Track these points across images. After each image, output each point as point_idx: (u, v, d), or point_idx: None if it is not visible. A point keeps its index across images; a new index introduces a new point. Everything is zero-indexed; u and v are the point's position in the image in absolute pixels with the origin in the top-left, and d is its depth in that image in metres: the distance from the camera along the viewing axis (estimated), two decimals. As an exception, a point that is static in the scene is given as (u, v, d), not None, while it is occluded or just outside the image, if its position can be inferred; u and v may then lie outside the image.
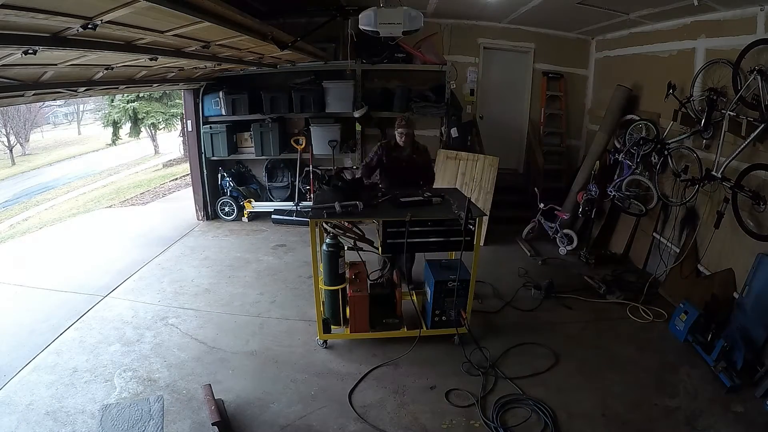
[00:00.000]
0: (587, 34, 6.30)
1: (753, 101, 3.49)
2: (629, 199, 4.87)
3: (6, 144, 20.19)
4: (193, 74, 5.30)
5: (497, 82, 6.68)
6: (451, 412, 2.91)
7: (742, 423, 2.85)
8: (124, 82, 4.38)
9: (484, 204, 5.43)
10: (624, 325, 3.97)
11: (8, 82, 2.88)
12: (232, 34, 3.02)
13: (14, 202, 13.06)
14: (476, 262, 3.42)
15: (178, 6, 2.04)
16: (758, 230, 3.43)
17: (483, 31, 6.35)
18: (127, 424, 2.75)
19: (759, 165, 3.43)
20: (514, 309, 4.17)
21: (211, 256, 5.31)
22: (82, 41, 2.33)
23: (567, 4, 4.76)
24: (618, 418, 2.87)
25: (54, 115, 29.11)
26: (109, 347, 3.55)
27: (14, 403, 2.95)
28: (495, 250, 5.32)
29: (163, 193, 9.81)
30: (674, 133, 4.47)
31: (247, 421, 2.81)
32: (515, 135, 6.86)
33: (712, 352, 3.31)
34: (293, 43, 3.91)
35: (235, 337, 3.66)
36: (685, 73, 4.33)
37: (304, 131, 6.32)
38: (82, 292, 4.41)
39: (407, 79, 6.22)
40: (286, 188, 6.70)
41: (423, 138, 6.46)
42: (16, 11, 1.70)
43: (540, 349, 3.56)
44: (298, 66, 5.95)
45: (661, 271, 4.55)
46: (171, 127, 15.72)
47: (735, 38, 3.81)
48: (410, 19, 3.14)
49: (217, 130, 6.08)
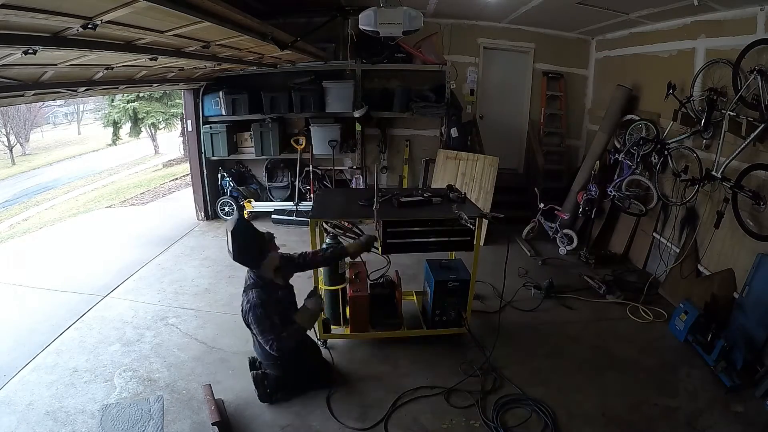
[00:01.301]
0: (587, 34, 6.30)
1: (753, 101, 3.49)
2: (629, 199, 4.87)
3: (6, 144, 20.18)
4: (193, 74, 5.30)
5: (497, 82, 6.68)
6: (451, 412, 2.91)
7: (742, 423, 2.85)
8: (124, 82, 4.38)
9: (484, 204, 5.43)
10: (624, 325, 3.97)
11: (8, 82, 2.89)
12: (232, 34, 3.02)
13: (14, 202, 13.05)
14: (476, 262, 3.42)
15: (178, 6, 2.04)
16: (758, 230, 3.43)
17: (483, 31, 6.35)
18: (127, 424, 2.76)
19: (759, 165, 3.43)
20: (515, 309, 4.17)
21: (211, 256, 5.31)
22: (82, 41, 2.33)
23: (567, 4, 4.75)
24: (618, 418, 2.87)
25: (54, 115, 29.10)
26: (109, 347, 3.55)
27: (14, 403, 2.95)
28: (495, 250, 5.31)
29: (163, 193, 9.81)
30: (674, 133, 4.47)
31: (247, 421, 2.81)
32: (515, 135, 6.86)
33: (712, 352, 3.31)
34: (293, 43, 3.92)
35: (235, 337, 3.65)
36: (685, 73, 4.33)
37: (304, 131, 6.32)
38: (82, 292, 4.41)
39: (407, 79, 6.22)
40: (286, 188, 6.69)
41: (423, 138, 6.51)
42: (16, 11, 1.70)
43: (540, 349, 3.56)
44: (298, 66, 5.95)
45: (661, 271, 4.55)
46: (171, 127, 15.71)
47: (735, 38, 3.81)
48: (410, 19, 3.14)
49: (217, 130, 6.08)
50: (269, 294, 2.77)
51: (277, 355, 2.74)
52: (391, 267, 3.73)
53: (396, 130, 6.56)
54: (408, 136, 6.55)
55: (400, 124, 6.50)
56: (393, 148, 6.60)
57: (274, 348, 2.69)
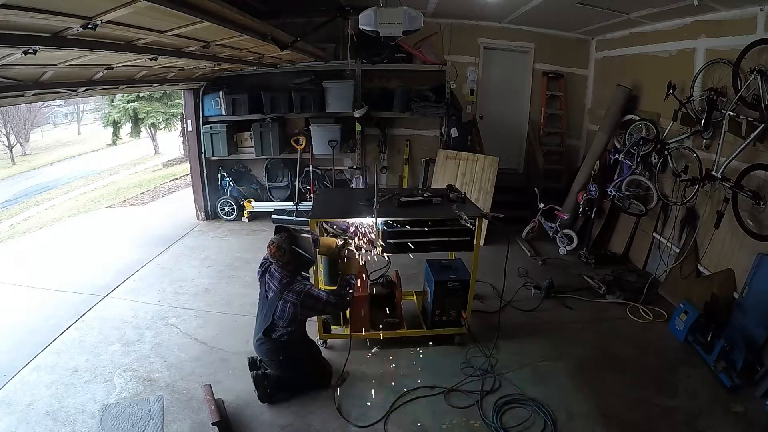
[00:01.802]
0: (587, 34, 6.30)
1: (753, 101, 3.49)
2: (629, 199, 4.87)
3: (6, 144, 20.16)
4: (193, 74, 5.30)
5: (497, 82, 6.68)
6: (451, 412, 2.91)
7: (742, 423, 2.85)
8: (124, 82, 4.38)
9: (484, 204, 5.43)
10: (624, 325, 3.97)
11: (8, 82, 2.88)
12: (232, 34, 3.02)
13: (14, 202, 13.04)
14: (476, 262, 3.42)
15: (178, 6, 2.04)
16: (758, 230, 3.43)
17: (483, 31, 6.35)
18: (127, 423, 2.76)
19: (759, 165, 3.44)
20: (515, 309, 4.17)
21: (211, 256, 5.31)
22: (82, 41, 2.33)
23: (567, 4, 4.75)
24: (618, 418, 2.87)
25: (54, 115, 29.07)
26: (109, 347, 3.55)
27: (14, 403, 2.95)
28: (495, 250, 5.31)
29: (163, 193, 9.81)
30: (674, 133, 4.47)
31: (247, 421, 2.81)
32: (515, 135, 6.86)
33: (712, 352, 3.32)
34: (293, 43, 3.91)
35: (235, 337, 3.65)
36: (685, 73, 4.33)
37: (304, 131, 6.32)
38: (82, 292, 4.41)
39: (407, 79, 6.22)
40: (286, 188, 6.69)
41: (423, 138, 6.51)
42: (16, 11, 1.70)
43: (540, 349, 3.56)
44: (298, 66, 5.95)
45: (661, 271, 4.55)
46: (171, 127, 15.69)
47: (735, 38, 3.81)
48: (410, 19, 3.13)
49: (217, 130, 6.08)
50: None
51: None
52: (391, 267, 3.73)
53: (396, 130, 6.56)
54: (408, 136, 6.55)
55: (400, 124, 6.50)
56: (393, 148, 6.60)
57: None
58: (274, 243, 2.85)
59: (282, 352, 2.92)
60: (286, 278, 2.87)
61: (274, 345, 2.90)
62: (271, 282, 2.92)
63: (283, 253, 2.83)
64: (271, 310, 2.86)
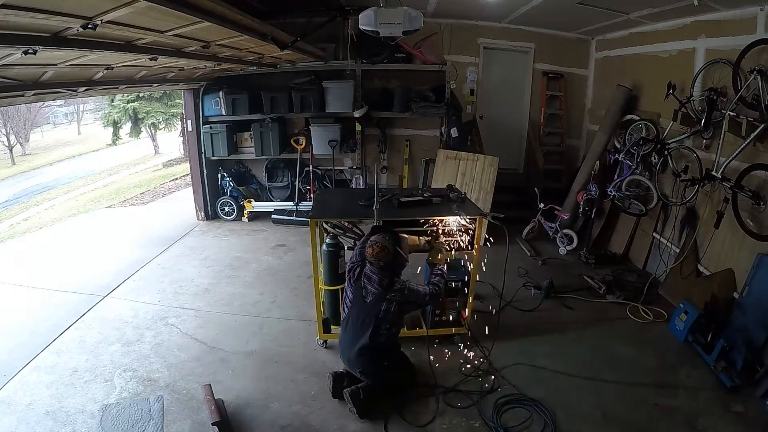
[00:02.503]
0: (587, 34, 6.29)
1: (753, 101, 3.49)
2: (629, 199, 4.87)
3: (6, 144, 20.17)
4: (193, 74, 5.30)
5: (497, 82, 6.68)
6: (451, 412, 2.91)
7: (742, 423, 2.85)
8: (124, 82, 4.38)
9: (484, 204, 5.42)
10: (624, 325, 3.97)
11: (8, 82, 2.89)
12: (232, 34, 3.02)
13: (14, 202, 13.03)
14: (476, 262, 3.42)
15: (178, 6, 2.04)
16: (758, 230, 3.43)
17: (483, 31, 6.35)
18: (127, 423, 2.76)
19: (759, 165, 3.43)
20: (515, 309, 4.17)
21: (211, 256, 5.31)
22: (82, 41, 2.33)
23: (567, 4, 4.75)
24: (618, 418, 2.87)
25: (54, 115, 29.07)
26: (109, 347, 3.55)
27: (14, 403, 2.95)
28: (495, 250, 5.30)
29: (163, 193, 9.81)
30: (674, 133, 4.47)
31: (247, 421, 2.81)
32: (515, 135, 6.86)
33: (712, 352, 3.31)
34: (293, 43, 3.92)
35: (235, 337, 3.65)
36: (685, 73, 4.33)
37: (304, 131, 6.32)
38: (82, 292, 4.41)
39: (407, 79, 6.22)
40: (286, 188, 6.70)
41: (423, 138, 6.50)
42: (16, 11, 1.70)
43: (540, 349, 3.55)
44: (298, 66, 5.95)
45: (661, 271, 4.55)
46: (171, 127, 15.72)
47: (735, 38, 3.80)
48: (410, 19, 3.14)
49: (217, 130, 6.08)
50: None
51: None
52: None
53: (396, 130, 6.56)
54: (408, 136, 6.55)
55: (400, 124, 6.50)
56: (393, 148, 6.60)
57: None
58: (378, 243, 2.78)
59: (386, 356, 2.91)
60: (386, 279, 2.82)
61: (378, 350, 2.84)
62: (369, 285, 2.85)
63: (387, 254, 2.79)
64: (373, 314, 2.80)
